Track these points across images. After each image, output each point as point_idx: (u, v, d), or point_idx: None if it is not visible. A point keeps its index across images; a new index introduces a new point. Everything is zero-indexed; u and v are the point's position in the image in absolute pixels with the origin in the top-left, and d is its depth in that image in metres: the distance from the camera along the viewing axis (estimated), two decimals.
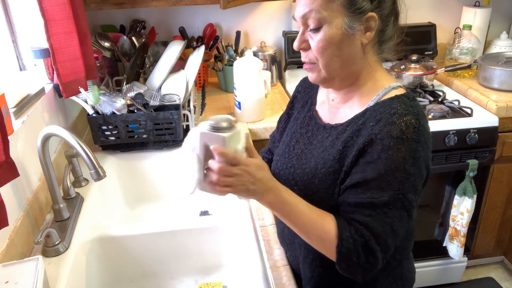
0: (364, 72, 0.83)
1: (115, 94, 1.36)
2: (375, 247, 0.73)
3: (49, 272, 0.94)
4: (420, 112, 0.77)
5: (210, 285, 1.11)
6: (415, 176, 0.74)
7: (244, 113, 1.63)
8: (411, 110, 0.76)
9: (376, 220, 0.74)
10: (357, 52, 0.80)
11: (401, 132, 0.74)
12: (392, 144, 0.74)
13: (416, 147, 0.74)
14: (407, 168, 0.73)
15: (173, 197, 1.50)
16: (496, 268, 2.16)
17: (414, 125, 0.74)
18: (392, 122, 0.75)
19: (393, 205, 0.74)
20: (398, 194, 0.74)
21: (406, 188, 0.74)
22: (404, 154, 0.73)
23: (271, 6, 2.03)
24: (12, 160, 0.88)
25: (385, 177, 0.74)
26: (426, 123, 0.78)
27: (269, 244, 1.02)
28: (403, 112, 0.76)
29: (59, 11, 1.16)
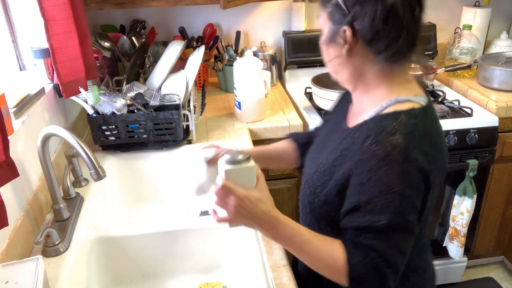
0: (365, 80, 0.82)
1: (115, 94, 1.36)
2: (386, 269, 0.73)
3: (49, 272, 0.94)
4: (413, 130, 0.73)
5: (210, 285, 1.11)
6: (411, 198, 0.73)
7: (244, 113, 1.63)
8: (402, 128, 0.73)
9: (382, 243, 0.73)
10: (343, 61, 0.81)
11: (387, 154, 0.72)
12: (379, 165, 0.72)
13: (404, 168, 0.72)
14: (400, 191, 0.72)
15: (173, 197, 1.50)
16: (496, 268, 2.16)
17: (401, 146, 0.72)
18: (378, 141, 0.73)
19: (395, 228, 0.73)
20: (397, 217, 0.72)
21: (404, 210, 0.73)
22: (393, 177, 0.72)
23: (271, 6, 2.03)
24: (12, 160, 0.88)
25: (379, 200, 0.73)
26: (421, 139, 0.74)
27: (269, 244, 1.02)
28: (391, 131, 0.73)
29: (59, 11, 1.16)
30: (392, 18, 0.73)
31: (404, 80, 0.81)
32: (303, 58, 2.01)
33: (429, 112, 0.79)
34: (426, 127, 0.76)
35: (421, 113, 0.77)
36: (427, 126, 0.76)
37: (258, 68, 1.58)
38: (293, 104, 1.86)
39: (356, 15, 0.75)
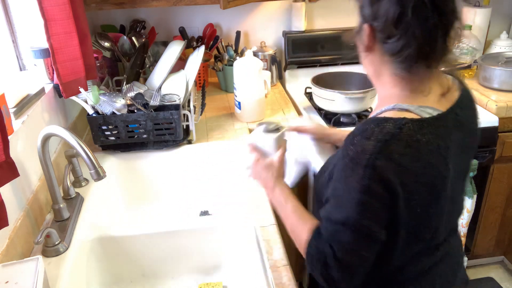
0: (382, 81, 0.83)
1: (115, 94, 1.36)
2: (333, 262, 0.75)
3: (49, 272, 0.94)
4: (389, 139, 0.71)
5: (210, 285, 1.11)
6: (368, 204, 0.73)
7: (244, 113, 1.63)
8: (379, 135, 0.72)
9: (335, 236, 0.76)
10: (366, 57, 0.84)
11: (355, 156, 0.73)
12: (347, 165, 0.75)
13: (365, 173, 0.71)
14: (358, 195, 0.72)
15: (173, 197, 1.50)
16: (496, 268, 2.16)
17: (369, 151, 0.71)
18: (354, 143, 0.75)
19: (348, 227, 0.74)
20: (351, 218, 0.74)
21: (359, 213, 0.73)
22: (355, 180, 0.73)
23: (271, 6, 2.03)
24: (12, 160, 0.88)
25: (341, 197, 0.76)
26: (392, 145, 0.71)
27: (269, 244, 1.02)
28: (368, 135, 0.73)
29: (59, 11, 1.16)
30: (402, 24, 0.73)
31: (417, 89, 0.79)
32: (303, 58, 2.01)
33: (428, 126, 0.75)
34: (411, 139, 0.73)
35: (412, 124, 0.74)
36: (414, 139, 0.73)
37: (258, 68, 1.58)
38: (293, 104, 1.86)
39: (375, 15, 0.76)
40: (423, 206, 0.78)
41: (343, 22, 2.08)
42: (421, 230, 0.82)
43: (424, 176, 0.75)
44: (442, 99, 0.81)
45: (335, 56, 2.02)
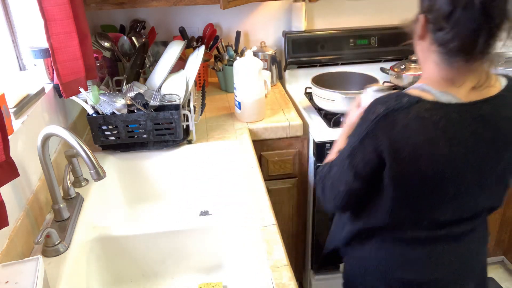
0: (423, 66, 0.92)
1: (115, 94, 1.36)
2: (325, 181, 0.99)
3: (49, 272, 0.94)
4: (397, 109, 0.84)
5: (210, 285, 1.11)
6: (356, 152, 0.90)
7: (244, 113, 1.64)
8: (391, 105, 0.85)
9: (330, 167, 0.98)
10: (417, 45, 0.92)
11: (367, 115, 0.88)
12: (358, 123, 0.91)
13: (367, 130, 0.86)
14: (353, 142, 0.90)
15: (173, 197, 1.50)
16: (496, 268, 2.16)
17: (379, 114, 0.85)
18: (371, 106, 0.89)
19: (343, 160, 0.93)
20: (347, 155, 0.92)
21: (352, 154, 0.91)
22: (358, 131, 0.89)
23: (271, 6, 2.03)
24: (12, 160, 0.88)
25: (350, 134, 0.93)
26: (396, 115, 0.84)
27: (269, 244, 1.02)
28: (383, 102, 0.86)
29: (59, 11, 1.16)
30: (451, 20, 0.80)
31: (451, 79, 0.86)
32: (303, 58, 2.01)
33: (439, 108, 0.84)
34: (418, 115, 0.83)
35: (423, 103, 0.84)
36: (420, 115, 0.83)
37: (258, 68, 1.58)
38: (293, 104, 1.86)
39: (431, 8, 0.83)
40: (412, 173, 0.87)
41: (343, 22, 2.08)
42: (409, 196, 0.91)
43: (421, 149, 0.84)
44: (472, 92, 0.87)
45: (335, 56, 2.02)
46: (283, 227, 1.81)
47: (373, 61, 2.05)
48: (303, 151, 1.69)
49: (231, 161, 1.46)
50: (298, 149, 1.68)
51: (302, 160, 1.71)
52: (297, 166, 1.71)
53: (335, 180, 0.96)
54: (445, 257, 0.99)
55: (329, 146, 1.61)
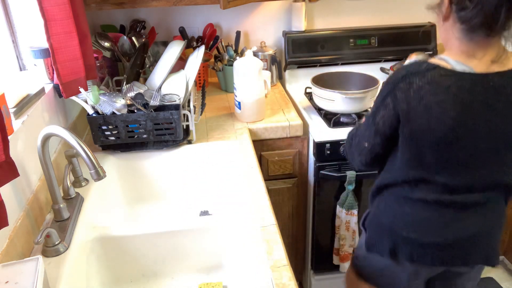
0: (446, 45, 1.02)
1: (115, 94, 1.36)
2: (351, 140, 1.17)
3: (49, 272, 0.94)
4: (415, 73, 0.95)
5: (210, 285, 1.11)
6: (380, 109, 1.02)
7: (244, 113, 1.64)
8: (411, 69, 0.96)
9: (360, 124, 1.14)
10: (442, 26, 1.01)
11: (389, 78, 1.01)
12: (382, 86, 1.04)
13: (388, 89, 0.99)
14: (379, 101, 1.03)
15: (173, 197, 1.50)
16: (496, 268, 2.16)
17: (398, 76, 0.98)
18: (400, 67, 1.02)
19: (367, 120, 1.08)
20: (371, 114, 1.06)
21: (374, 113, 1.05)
22: (382, 90, 1.02)
23: (271, 6, 2.03)
24: (12, 160, 0.88)
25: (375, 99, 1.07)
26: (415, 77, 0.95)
27: (269, 244, 1.02)
28: (405, 67, 0.99)
29: (59, 11, 1.16)
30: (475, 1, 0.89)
31: (471, 52, 0.96)
32: (303, 58, 2.01)
33: (453, 76, 0.94)
34: (432, 79, 0.94)
35: (440, 70, 0.95)
36: (435, 80, 0.94)
37: (258, 68, 1.58)
38: (293, 104, 1.86)
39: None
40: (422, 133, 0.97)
41: (343, 22, 2.08)
42: (420, 156, 1.01)
43: (432, 109, 0.94)
44: (490, 65, 0.95)
45: (335, 56, 2.02)
46: (283, 227, 1.81)
47: (373, 61, 2.05)
48: (303, 151, 1.69)
49: (231, 161, 1.46)
50: (298, 149, 1.69)
51: (302, 160, 1.71)
52: (297, 166, 1.71)
53: (361, 137, 1.10)
54: (452, 224, 1.06)
55: (329, 146, 1.61)
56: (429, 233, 1.08)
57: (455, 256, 1.09)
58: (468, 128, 0.95)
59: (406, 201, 1.09)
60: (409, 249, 1.10)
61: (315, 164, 1.65)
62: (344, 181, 1.63)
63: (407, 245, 1.10)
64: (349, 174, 1.61)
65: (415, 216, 1.08)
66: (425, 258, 1.09)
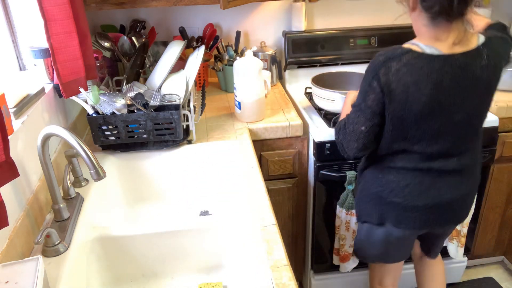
0: (417, 32, 1.16)
1: (115, 94, 1.36)
2: (344, 129, 1.22)
3: (49, 272, 0.94)
4: (390, 56, 1.10)
5: (210, 285, 1.11)
6: (368, 93, 1.14)
7: (244, 113, 1.64)
8: (388, 55, 1.10)
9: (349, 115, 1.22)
10: (412, 17, 1.15)
11: (369, 67, 1.14)
12: (368, 65, 1.15)
13: (372, 75, 1.11)
14: (365, 88, 1.15)
15: (173, 197, 1.50)
16: (496, 268, 2.16)
17: (378, 62, 1.11)
18: (377, 54, 1.13)
19: (357, 108, 1.19)
20: (359, 102, 1.17)
21: (363, 99, 1.16)
22: (366, 78, 1.14)
23: (271, 6, 2.03)
24: (12, 160, 0.88)
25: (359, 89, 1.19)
26: (392, 61, 1.09)
27: (269, 244, 1.02)
28: (381, 54, 1.12)
29: (59, 11, 1.16)
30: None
31: (435, 36, 1.10)
32: (303, 58, 2.01)
33: (424, 58, 1.08)
34: (408, 62, 1.08)
35: (412, 53, 1.09)
36: (410, 62, 1.08)
37: (258, 68, 1.58)
38: (293, 104, 1.86)
39: None
40: (403, 109, 1.11)
41: (343, 22, 2.08)
42: (402, 130, 1.15)
43: (408, 89, 1.09)
44: (453, 47, 1.10)
45: (335, 56, 2.02)
46: (283, 227, 1.81)
47: None
48: (303, 151, 1.69)
49: (231, 161, 1.46)
50: (298, 149, 1.69)
51: (302, 160, 1.71)
52: (297, 166, 1.71)
53: (355, 124, 1.18)
54: (431, 189, 1.22)
55: (329, 146, 1.61)
56: (411, 198, 1.23)
57: (435, 219, 1.26)
58: (441, 103, 1.11)
59: (389, 171, 1.25)
60: (395, 214, 1.26)
61: (315, 164, 1.65)
62: (344, 181, 1.63)
63: (393, 210, 1.26)
64: (349, 174, 1.61)
65: (399, 183, 1.23)
66: (409, 222, 1.26)
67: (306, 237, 1.90)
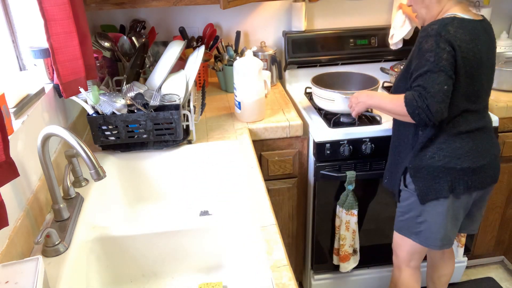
0: (443, 11, 1.31)
1: (115, 94, 1.36)
2: (425, 94, 1.21)
3: (49, 272, 0.94)
4: (447, 22, 1.23)
5: (210, 285, 1.11)
6: (441, 53, 1.21)
7: (244, 113, 1.64)
8: (441, 22, 1.24)
9: (423, 81, 1.23)
10: (433, 2, 1.31)
11: (426, 33, 1.25)
12: (421, 40, 1.26)
13: (436, 39, 1.22)
14: (434, 50, 1.21)
15: (173, 197, 1.50)
16: (496, 268, 2.16)
17: (436, 28, 1.23)
18: (424, 29, 1.27)
19: (432, 71, 1.21)
20: (433, 64, 1.21)
21: (437, 60, 1.21)
22: (430, 43, 1.23)
23: (271, 6, 2.03)
24: (12, 160, 0.88)
25: (423, 59, 1.24)
26: (451, 27, 1.22)
27: (269, 244, 1.02)
28: (434, 23, 1.25)
29: (59, 11, 1.16)
30: None
31: (462, 8, 1.29)
32: (303, 58, 2.01)
33: (467, 23, 1.25)
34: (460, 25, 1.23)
35: (459, 19, 1.24)
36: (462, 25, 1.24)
37: (258, 68, 1.58)
38: (293, 104, 1.86)
39: None
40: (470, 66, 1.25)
41: (343, 22, 2.08)
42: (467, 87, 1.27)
43: (469, 46, 1.23)
44: (475, 15, 1.30)
45: (335, 56, 2.02)
46: (283, 227, 1.81)
47: (373, 61, 2.06)
48: (303, 151, 1.69)
49: (231, 161, 1.46)
50: (298, 149, 1.69)
51: (302, 160, 1.71)
52: (297, 166, 1.71)
53: (437, 85, 1.21)
54: (484, 146, 1.36)
55: (329, 146, 1.61)
56: (477, 159, 1.34)
57: (490, 177, 1.40)
58: (488, 60, 1.30)
59: (453, 139, 1.32)
60: (465, 179, 1.34)
61: (315, 164, 1.65)
62: (344, 181, 1.63)
63: (464, 176, 1.33)
64: (349, 174, 1.61)
65: (463, 148, 1.32)
66: (478, 183, 1.36)
67: (306, 237, 1.90)
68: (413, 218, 1.43)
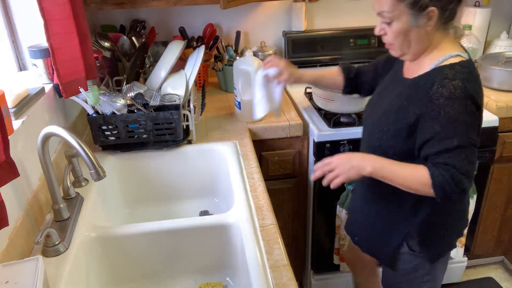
0: (431, 45, 1.10)
1: (115, 94, 1.36)
2: (460, 176, 1.01)
3: (49, 272, 0.94)
4: (468, 76, 1.02)
5: (210, 285, 1.11)
6: (472, 122, 1.02)
7: (244, 113, 1.63)
8: (459, 75, 1.02)
9: (455, 158, 1.01)
10: (423, 36, 1.07)
11: (451, 93, 1.01)
12: (446, 103, 1.01)
13: (465, 103, 1.00)
14: (464, 119, 1.01)
15: (173, 197, 1.50)
16: (496, 268, 2.16)
17: (461, 87, 1.00)
18: (443, 85, 1.02)
19: (463, 146, 1.01)
20: (465, 138, 1.01)
21: (468, 132, 1.01)
22: (458, 110, 1.00)
23: (271, 6, 2.03)
24: (12, 160, 0.88)
25: (449, 128, 1.01)
26: (473, 82, 1.03)
27: (269, 244, 1.02)
28: (452, 77, 1.02)
29: (59, 11, 1.16)
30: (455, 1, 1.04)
31: (451, 40, 1.11)
32: (303, 58, 2.01)
33: (472, 63, 1.08)
34: (474, 74, 1.06)
35: (469, 64, 1.06)
36: (475, 73, 1.06)
37: (258, 68, 1.58)
38: (293, 104, 1.85)
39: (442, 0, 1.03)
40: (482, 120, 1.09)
41: (343, 22, 2.08)
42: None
43: (482, 96, 1.07)
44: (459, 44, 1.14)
45: (335, 56, 2.02)
46: (283, 227, 1.81)
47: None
48: (303, 151, 1.69)
49: (231, 161, 1.46)
50: (298, 149, 1.69)
51: (302, 160, 1.71)
52: (297, 166, 1.71)
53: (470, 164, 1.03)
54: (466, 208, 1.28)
55: (329, 146, 1.61)
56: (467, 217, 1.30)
57: None
58: None
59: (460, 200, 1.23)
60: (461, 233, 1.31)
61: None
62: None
63: (463, 229, 1.30)
64: None
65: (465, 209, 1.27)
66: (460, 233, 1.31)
67: (306, 237, 1.90)
68: (419, 277, 1.27)
